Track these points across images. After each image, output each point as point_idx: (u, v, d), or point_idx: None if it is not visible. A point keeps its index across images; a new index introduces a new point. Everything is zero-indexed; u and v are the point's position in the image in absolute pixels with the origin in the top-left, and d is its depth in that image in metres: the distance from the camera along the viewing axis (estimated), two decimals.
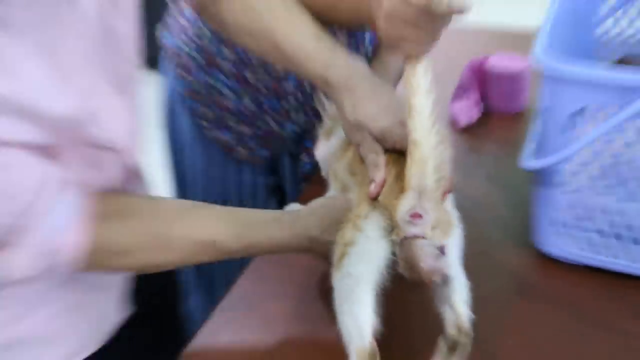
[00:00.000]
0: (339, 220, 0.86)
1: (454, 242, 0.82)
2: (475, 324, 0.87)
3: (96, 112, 0.86)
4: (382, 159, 0.86)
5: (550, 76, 0.94)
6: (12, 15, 0.72)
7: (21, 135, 0.76)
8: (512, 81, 1.47)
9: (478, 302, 0.96)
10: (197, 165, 1.37)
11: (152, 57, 1.54)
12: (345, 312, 0.81)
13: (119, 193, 0.96)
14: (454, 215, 0.84)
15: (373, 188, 0.82)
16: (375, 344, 0.78)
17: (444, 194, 0.82)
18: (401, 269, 0.79)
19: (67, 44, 0.79)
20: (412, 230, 0.77)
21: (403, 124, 0.81)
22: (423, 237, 0.77)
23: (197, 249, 0.91)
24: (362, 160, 0.89)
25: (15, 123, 0.74)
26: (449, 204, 0.85)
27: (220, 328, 0.98)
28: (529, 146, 1.08)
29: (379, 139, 0.87)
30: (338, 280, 0.82)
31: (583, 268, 1.05)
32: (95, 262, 0.87)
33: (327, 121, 1.04)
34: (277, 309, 1.01)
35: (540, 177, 1.03)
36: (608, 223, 1.00)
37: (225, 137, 1.32)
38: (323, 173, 1.04)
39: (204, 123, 1.31)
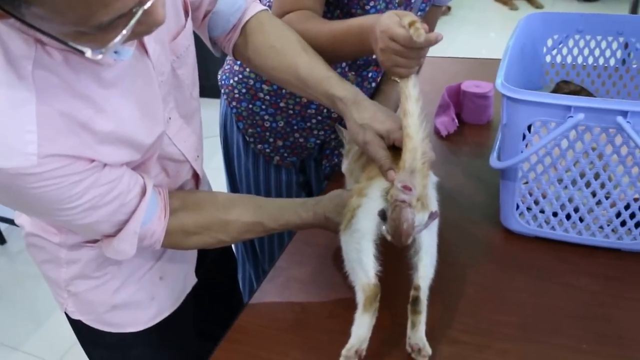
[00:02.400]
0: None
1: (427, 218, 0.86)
2: (455, 285, 0.91)
3: (172, 136, 0.93)
4: (388, 153, 0.89)
5: (508, 100, 1.00)
6: (114, 75, 0.78)
7: (124, 157, 0.82)
8: (481, 100, 1.50)
9: (458, 267, 1.03)
10: (246, 169, 1.42)
11: (209, 86, 1.59)
12: (353, 259, 0.85)
13: (188, 191, 1.02)
14: (433, 198, 0.89)
15: (393, 173, 0.85)
16: (377, 280, 0.83)
17: (427, 170, 0.87)
18: (388, 232, 0.83)
19: (147, 89, 0.84)
20: (403, 196, 0.82)
21: (401, 128, 0.87)
22: (409, 205, 0.82)
23: (246, 228, 0.96)
24: (369, 160, 0.92)
25: (119, 149, 0.81)
26: (431, 187, 0.89)
27: (268, 292, 1.03)
28: (494, 151, 1.13)
29: (384, 137, 0.90)
30: (347, 236, 0.86)
31: (539, 240, 1.09)
32: (173, 241, 0.93)
33: (346, 145, 1.08)
34: (308, 276, 1.05)
35: (504, 174, 1.09)
36: (560, 207, 1.06)
37: (265, 148, 1.38)
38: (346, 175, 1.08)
39: (250, 139, 1.37)
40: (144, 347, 1.07)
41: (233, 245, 1.47)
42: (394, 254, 0.86)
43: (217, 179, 1.41)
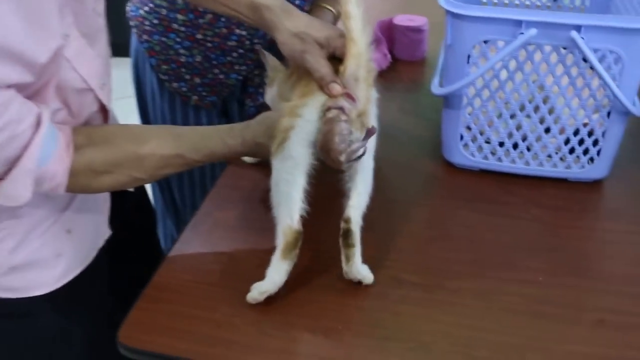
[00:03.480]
0: None
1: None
2: (398, 223, 0.84)
3: (72, 59, 0.79)
4: (329, 63, 0.80)
5: (453, 18, 0.91)
6: None
7: (11, 76, 0.69)
8: (414, 34, 1.42)
9: (400, 205, 0.95)
10: (162, 112, 1.29)
11: (122, 44, 1.45)
12: (281, 192, 0.76)
13: (94, 125, 0.89)
14: (373, 115, 0.81)
15: (338, 87, 0.76)
16: (300, 225, 0.75)
17: (372, 81, 0.80)
18: (318, 148, 0.74)
19: None
20: (343, 102, 0.74)
21: (342, 35, 0.78)
22: (347, 117, 0.73)
23: (164, 162, 0.85)
24: (302, 77, 0.82)
25: (3, 64, 0.67)
26: (373, 104, 0.82)
27: (190, 241, 0.92)
28: (435, 77, 1.04)
29: (323, 45, 0.81)
30: (279, 163, 0.77)
31: (485, 173, 1.03)
32: (80, 183, 0.81)
33: (270, 73, 0.97)
34: (235, 222, 0.95)
35: (447, 101, 1.00)
36: (507, 135, 0.98)
37: (181, 87, 1.26)
38: (271, 106, 0.97)
39: (164, 77, 1.25)
40: (53, 313, 0.93)
41: (152, 198, 1.35)
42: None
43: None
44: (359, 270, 0.79)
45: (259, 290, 0.76)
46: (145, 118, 1.34)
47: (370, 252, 0.81)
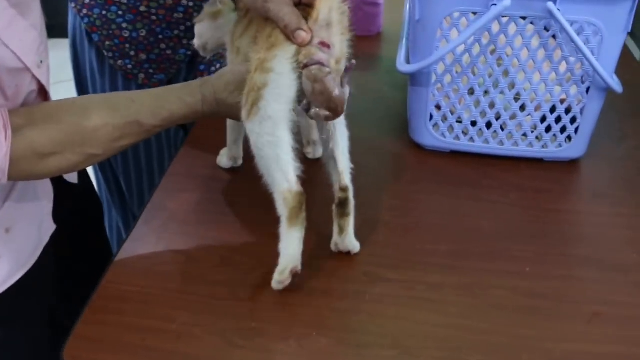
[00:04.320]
0: (244, 83, 0.72)
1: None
2: (365, 209, 0.78)
3: (1, 33, 0.67)
4: (295, 9, 0.71)
5: None
6: None
7: None
8: (370, 8, 1.34)
9: (366, 192, 0.86)
10: (103, 92, 1.18)
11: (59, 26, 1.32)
12: (268, 156, 0.69)
13: (31, 105, 0.78)
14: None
15: (304, 34, 0.67)
16: (300, 186, 0.68)
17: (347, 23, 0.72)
18: (312, 108, 0.68)
19: None
20: (320, 55, 0.66)
21: None
22: (329, 69, 0.66)
23: (120, 133, 0.75)
24: (264, 27, 0.72)
25: None
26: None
27: (141, 240, 0.81)
28: (400, 53, 0.96)
29: None
30: (257, 126, 0.68)
31: (456, 154, 0.96)
32: (25, 169, 0.71)
33: (217, 4, 0.85)
34: (191, 216, 0.85)
35: (415, 79, 0.92)
36: (480, 114, 0.92)
37: (126, 64, 1.15)
38: (200, 51, 0.88)
39: (108, 54, 1.14)
40: None
41: (96, 186, 1.23)
42: None
43: None
44: (352, 240, 0.75)
45: (278, 272, 0.69)
46: None
47: None
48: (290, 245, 0.69)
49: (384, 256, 0.77)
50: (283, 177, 0.68)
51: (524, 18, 0.82)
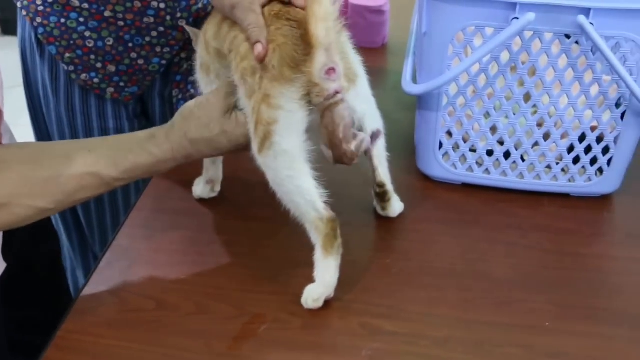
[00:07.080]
0: (223, 111, 0.80)
1: (362, 91, 0.83)
2: (364, 253, 0.82)
3: None
4: (262, 18, 0.77)
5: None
6: None
7: None
8: (374, 16, 1.40)
9: (366, 230, 0.92)
10: (58, 115, 1.22)
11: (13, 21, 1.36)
12: (290, 192, 0.77)
13: None
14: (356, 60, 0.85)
15: (261, 49, 0.74)
16: (330, 211, 0.76)
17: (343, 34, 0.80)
18: (323, 142, 0.76)
19: None
20: (332, 85, 0.74)
21: None
22: (343, 99, 0.74)
23: (76, 185, 0.79)
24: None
25: None
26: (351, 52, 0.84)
27: (104, 283, 0.83)
28: (406, 72, 0.99)
29: None
30: (272, 161, 0.77)
31: (469, 188, 0.99)
32: None
33: (201, 55, 0.90)
34: (161, 256, 0.87)
35: (423, 102, 0.95)
36: (497, 142, 0.95)
37: (92, 78, 1.18)
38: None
39: (69, 67, 1.17)
40: None
41: (53, 219, 1.26)
42: None
43: (30, 138, 1.22)
44: (396, 209, 0.92)
45: (312, 297, 0.77)
46: (38, 124, 1.26)
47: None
48: (328, 273, 0.77)
49: (383, 305, 0.79)
50: (310, 207, 0.76)
51: (550, 33, 0.85)
